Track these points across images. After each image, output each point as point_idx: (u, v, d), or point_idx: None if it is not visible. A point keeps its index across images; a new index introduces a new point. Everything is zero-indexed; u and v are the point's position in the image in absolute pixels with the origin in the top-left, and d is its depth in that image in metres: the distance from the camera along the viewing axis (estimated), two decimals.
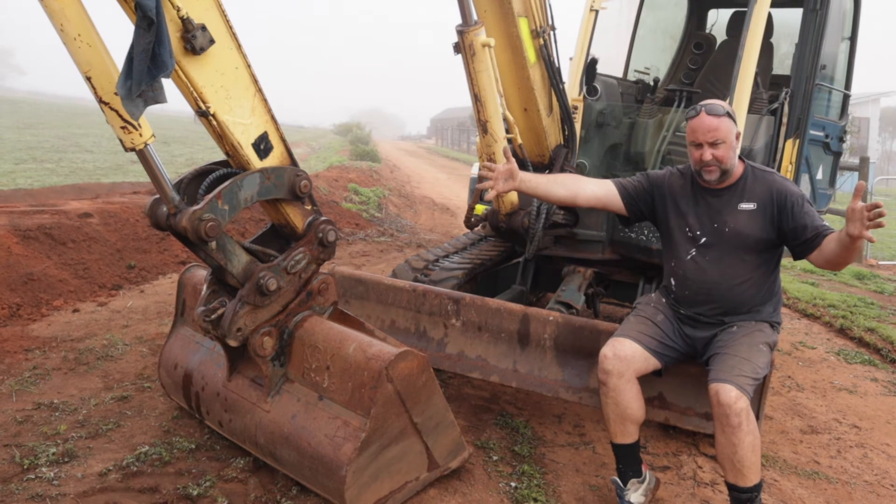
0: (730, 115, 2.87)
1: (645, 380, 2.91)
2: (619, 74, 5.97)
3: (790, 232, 2.84)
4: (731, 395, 2.54)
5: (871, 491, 3.36)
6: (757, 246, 2.89)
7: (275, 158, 2.77)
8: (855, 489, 3.36)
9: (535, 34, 3.83)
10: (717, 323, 2.95)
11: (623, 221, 3.33)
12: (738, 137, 2.91)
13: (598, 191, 3.15)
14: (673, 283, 3.08)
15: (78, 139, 21.30)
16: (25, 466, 2.93)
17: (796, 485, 3.35)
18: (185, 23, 2.33)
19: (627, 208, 3.16)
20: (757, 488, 2.63)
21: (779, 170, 4.44)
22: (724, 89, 4.53)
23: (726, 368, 2.66)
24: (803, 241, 2.80)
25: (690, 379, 3.16)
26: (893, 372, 5.24)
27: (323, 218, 2.92)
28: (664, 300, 3.14)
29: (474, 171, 4.98)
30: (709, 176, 2.89)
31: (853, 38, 5.44)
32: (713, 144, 2.83)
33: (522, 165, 4.11)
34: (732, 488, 2.66)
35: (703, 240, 2.96)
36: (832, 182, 5.54)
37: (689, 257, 3.00)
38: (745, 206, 2.90)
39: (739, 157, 3.00)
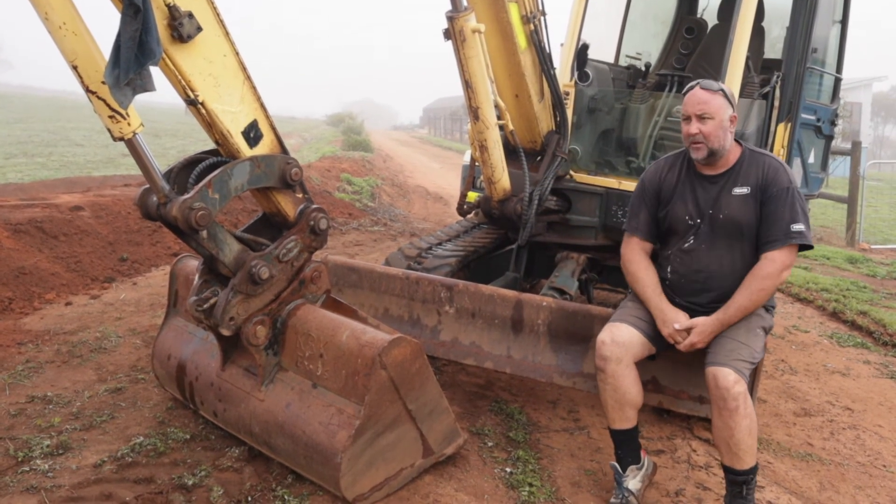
0: (725, 95, 2.82)
1: (638, 364, 2.91)
2: (611, 60, 5.96)
3: (763, 218, 2.80)
4: (729, 378, 2.54)
5: (863, 472, 3.38)
6: (751, 232, 2.83)
7: (265, 146, 2.75)
8: (848, 470, 3.38)
9: (526, 19, 3.80)
10: (713, 312, 2.89)
11: None
12: (732, 121, 2.84)
13: (647, 260, 3.10)
14: (668, 272, 3.01)
15: (68, 133, 21.17)
16: (20, 459, 2.93)
17: (790, 466, 3.37)
18: (172, 10, 2.31)
19: (654, 242, 3.13)
20: (753, 471, 2.64)
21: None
22: (715, 73, 4.53)
23: (724, 352, 2.66)
24: (764, 240, 2.79)
25: (683, 362, 3.16)
26: (885, 354, 5.27)
27: (314, 206, 2.90)
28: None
29: (466, 158, 4.96)
30: (696, 154, 2.85)
31: (844, 22, 5.44)
32: (700, 118, 2.78)
33: (514, 152, 4.10)
34: (728, 471, 2.67)
35: (699, 228, 2.91)
36: (824, 166, 5.55)
37: (685, 245, 2.95)
38: (738, 190, 2.85)
39: (737, 141, 2.93)
